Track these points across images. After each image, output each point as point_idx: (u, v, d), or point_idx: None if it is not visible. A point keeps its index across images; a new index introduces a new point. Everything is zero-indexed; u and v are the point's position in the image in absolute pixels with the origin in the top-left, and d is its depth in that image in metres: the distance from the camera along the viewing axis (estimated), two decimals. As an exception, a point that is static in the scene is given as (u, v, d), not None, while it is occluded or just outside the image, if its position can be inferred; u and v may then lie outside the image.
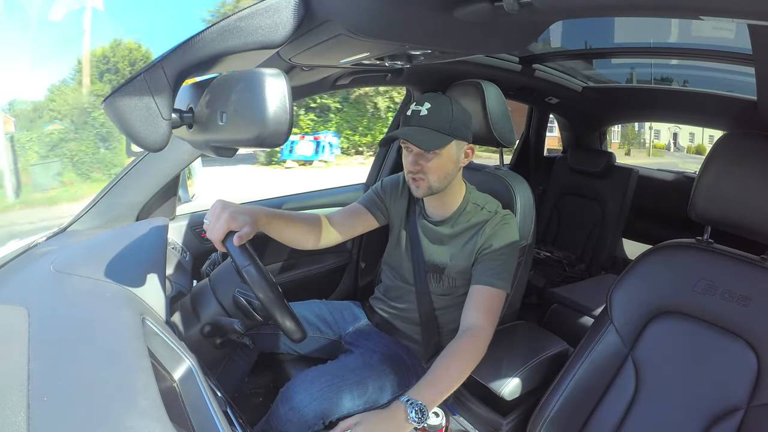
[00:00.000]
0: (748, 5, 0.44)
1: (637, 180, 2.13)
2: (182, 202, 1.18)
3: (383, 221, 1.13)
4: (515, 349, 1.06)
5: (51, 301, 0.61)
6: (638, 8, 0.57)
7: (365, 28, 0.62)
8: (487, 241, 0.98)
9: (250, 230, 0.76)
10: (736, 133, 0.83)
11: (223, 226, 0.74)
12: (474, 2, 0.60)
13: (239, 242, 0.74)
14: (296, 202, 1.49)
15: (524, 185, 1.13)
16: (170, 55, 0.51)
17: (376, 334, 1.12)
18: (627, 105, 2.26)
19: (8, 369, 0.44)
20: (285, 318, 0.75)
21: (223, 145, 0.55)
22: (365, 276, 1.61)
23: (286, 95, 0.45)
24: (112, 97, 0.49)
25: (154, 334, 0.59)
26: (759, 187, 0.77)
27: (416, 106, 0.95)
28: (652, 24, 1.50)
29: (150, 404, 0.42)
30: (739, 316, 0.78)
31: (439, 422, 0.77)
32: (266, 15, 0.56)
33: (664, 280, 0.87)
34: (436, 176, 0.96)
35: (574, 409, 0.88)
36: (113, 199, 1.01)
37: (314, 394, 0.90)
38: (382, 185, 1.14)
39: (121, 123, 0.49)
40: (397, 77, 1.35)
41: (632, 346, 0.87)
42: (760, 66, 0.90)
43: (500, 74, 1.66)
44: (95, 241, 0.86)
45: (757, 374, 0.75)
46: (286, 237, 0.94)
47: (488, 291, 0.93)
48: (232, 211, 0.76)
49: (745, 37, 0.96)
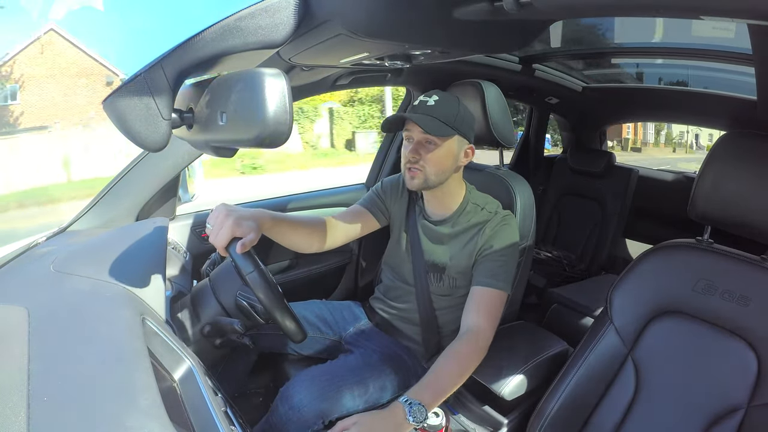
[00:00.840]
0: (748, 5, 0.44)
1: (637, 180, 2.13)
2: (182, 202, 1.18)
3: (384, 222, 1.13)
4: (515, 349, 1.06)
5: (51, 301, 0.61)
6: (638, 8, 0.57)
7: (365, 28, 0.62)
8: (488, 241, 0.98)
9: (255, 236, 0.76)
10: (736, 133, 0.83)
11: (227, 233, 0.74)
12: (474, 2, 0.60)
13: (243, 250, 0.73)
14: (297, 202, 1.49)
15: (524, 185, 1.13)
16: (170, 55, 0.51)
17: (376, 335, 1.12)
18: (627, 105, 2.26)
19: (8, 369, 0.44)
20: (286, 319, 0.75)
21: (223, 145, 0.54)
22: (365, 276, 1.61)
23: (286, 95, 0.45)
24: (112, 97, 0.49)
25: (154, 334, 0.59)
26: (759, 187, 0.76)
27: (424, 97, 0.96)
28: (651, 24, 1.50)
29: (150, 404, 0.42)
30: (739, 316, 0.78)
31: (439, 422, 0.77)
32: (266, 15, 0.56)
33: (664, 280, 0.87)
34: (434, 169, 0.96)
35: (574, 409, 0.88)
36: (113, 199, 1.01)
37: (314, 393, 0.90)
38: (382, 186, 1.14)
39: (121, 123, 0.49)
40: (397, 77, 1.35)
41: (632, 346, 0.87)
42: (760, 66, 0.90)
43: (500, 74, 1.66)
44: (95, 241, 0.86)
45: (757, 374, 0.75)
46: (290, 241, 0.94)
47: (489, 292, 0.93)
48: (236, 217, 0.75)
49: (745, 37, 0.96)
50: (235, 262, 0.74)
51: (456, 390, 0.83)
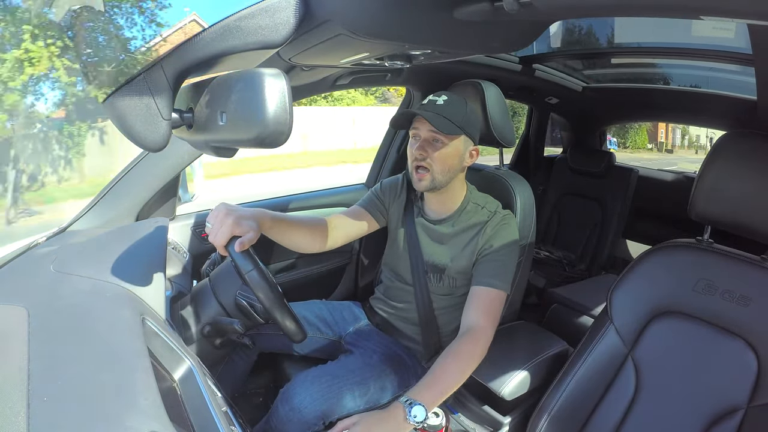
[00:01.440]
0: (748, 5, 0.44)
1: (637, 180, 2.13)
2: (182, 202, 1.18)
3: (383, 222, 1.13)
4: (515, 349, 1.06)
5: (51, 301, 0.60)
6: (638, 8, 0.57)
7: (365, 28, 0.62)
8: (488, 241, 0.98)
9: (254, 236, 0.76)
10: (736, 133, 0.83)
11: (227, 232, 0.74)
12: (474, 2, 0.60)
13: (241, 248, 0.73)
14: (297, 203, 1.49)
15: (524, 185, 1.13)
16: (170, 55, 0.51)
17: (376, 335, 1.12)
18: (627, 105, 2.26)
19: (8, 369, 0.44)
20: (286, 320, 0.75)
21: (223, 145, 0.54)
22: (365, 276, 1.61)
23: (286, 95, 0.45)
24: (112, 97, 0.49)
25: (154, 334, 0.59)
26: (759, 187, 0.76)
27: (433, 97, 0.97)
28: (651, 24, 1.50)
29: (150, 404, 0.42)
30: (739, 316, 0.78)
31: (439, 422, 0.77)
32: (266, 15, 0.56)
33: (664, 280, 0.87)
34: (440, 168, 0.96)
35: (574, 409, 0.88)
36: (113, 199, 1.01)
37: (314, 394, 0.90)
38: (381, 186, 1.15)
39: (121, 123, 0.49)
40: (397, 77, 1.35)
41: (632, 346, 0.87)
42: (760, 66, 0.90)
43: (500, 74, 1.66)
44: (95, 241, 0.86)
45: (757, 374, 0.75)
46: (290, 241, 0.94)
47: (489, 292, 0.93)
48: (236, 216, 0.75)
49: (745, 37, 0.96)
50: (235, 261, 0.74)
51: (456, 390, 0.83)
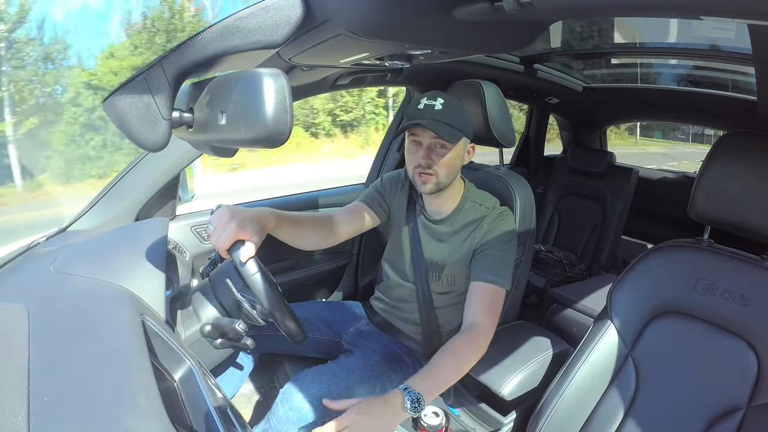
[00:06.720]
0: (748, 5, 0.44)
1: (637, 180, 2.13)
2: (182, 202, 1.18)
3: (384, 217, 1.13)
4: (515, 349, 1.06)
5: (51, 301, 0.60)
6: (638, 8, 0.57)
7: (365, 28, 0.62)
8: (485, 236, 0.98)
9: (258, 240, 0.76)
10: (736, 133, 0.83)
11: (230, 236, 0.73)
12: (474, 2, 0.59)
13: (246, 257, 0.73)
14: (297, 203, 1.49)
15: (524, 185, 1.13)
16: (170, 55, 0.51)
17: (376, 335, 1.12)
18: (627, 105, 2.26)
19: (8, 369, 0.44)
20: (287, 320, 0.75)
21: (223, 145, 0.54)
22: (365, 276, 1.61)
23: (286, 95, 0.45)
24: (112, 97, 0.49)
25: (154, 334, 0.59)
26: (759, 187, 0.76)
27: (428, 101, 0.95)
28: (651, 24, 1.50)
29: (150, 404, 0.42)
30: (739, 316, 0.78)
31: (439, 422, 0.77)
32: (266, 15, 0.56)
33: (664, 280, 0.87)
34: (446, 171, 0.97)
35: (574, 409, 0.88)
36: (113, 199, 1.01)
37: (314, 394, 0.90)
38: (382, 182, 1.15)
39: (121, 123, 0.49)
40: (397, 77, 1.35)
41: (632, 346, 0.87)
42: (760, 66, 0.90)
43: (500, 74, 1.66)
44: (95, 241, 0.86)
45: (757, 374, 0.75)
46: (294, 239, 0.94)
47: (488, 288, 0.93)
48: (239, 220, 0.74)
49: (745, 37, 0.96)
50: (237, 266, 0.74)
51: (456, 390, 0.83)
